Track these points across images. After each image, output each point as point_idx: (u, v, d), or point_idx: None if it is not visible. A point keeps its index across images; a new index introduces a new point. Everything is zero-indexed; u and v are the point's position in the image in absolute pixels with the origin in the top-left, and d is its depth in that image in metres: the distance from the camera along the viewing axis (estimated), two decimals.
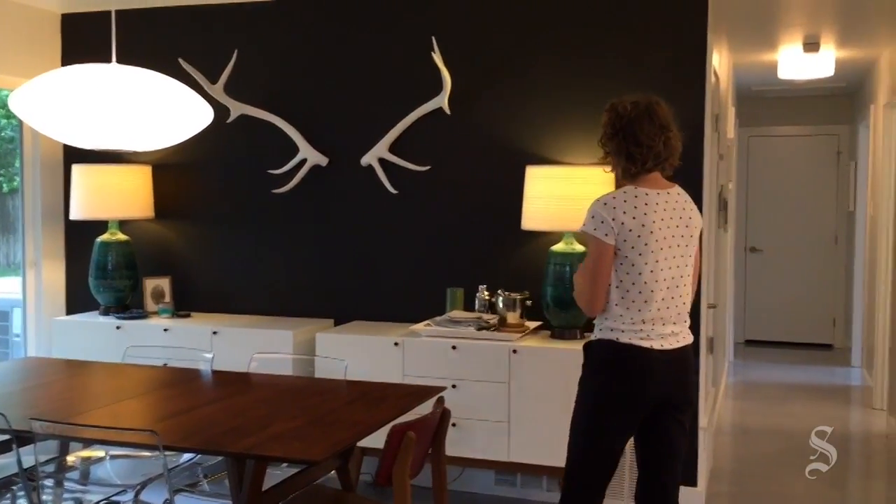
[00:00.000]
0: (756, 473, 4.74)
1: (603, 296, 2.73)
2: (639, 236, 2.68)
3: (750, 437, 5.47)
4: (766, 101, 8.53)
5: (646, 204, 2.70)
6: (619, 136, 2.74)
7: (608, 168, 2.87)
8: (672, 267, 2.74)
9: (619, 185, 2.83)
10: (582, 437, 2.81)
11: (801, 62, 6.10)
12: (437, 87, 4.29)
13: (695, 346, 3.00)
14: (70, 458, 3.46)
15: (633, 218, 2.68)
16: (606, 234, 2.69)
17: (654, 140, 2.70)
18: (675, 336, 2.77)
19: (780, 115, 8.61)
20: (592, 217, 2.72)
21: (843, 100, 8.43)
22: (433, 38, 4.24)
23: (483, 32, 4.32)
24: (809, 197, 8.57)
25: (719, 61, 4.99)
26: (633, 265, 2.69)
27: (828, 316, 8.55)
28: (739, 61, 6.50)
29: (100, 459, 3.38)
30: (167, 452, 2.48)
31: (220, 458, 3.02)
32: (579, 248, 3.94)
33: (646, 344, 2.71)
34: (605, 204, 2.71)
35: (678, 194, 2.81)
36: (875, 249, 6.30)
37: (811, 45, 5.72)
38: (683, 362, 2.81)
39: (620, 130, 2.73)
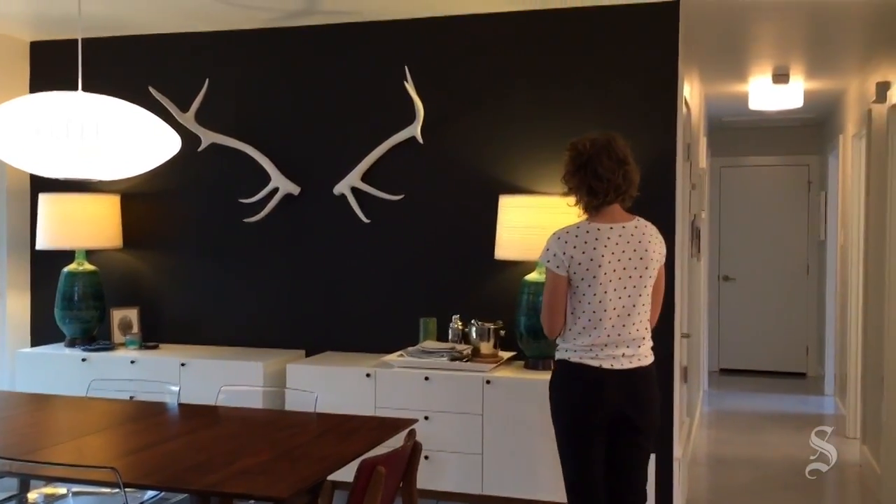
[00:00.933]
0: None
1: (560, 320, 2.95)
2: (587, 269, 2.87)
3: (725, 467, 5.45)
4: (738, 132, 8.63)
5: (596, 239, 2.88)
6: (580, 172, 2.93)
7: (571, 202, 3.03)
8: (623, 297, 2.89)
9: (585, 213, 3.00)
10: (562, 457, 2.97)
11: (771, 93, 6.18)
12: (410, 117, 4.28)
13: (667, 374, 3.00)
14: (32, 496, 3.36)
15: (583, 252, 2.87)
16: (558, 267, 2.90)
17: (614, 173, 2.89)
18: (627, 358, 2.90)
19: (752, 146, 8.71)
20: (547, 250, 2.95)
21: (812, 130, 8.54)
22: (406, 67, 4.23)
23: (456, 62, 4.33)
24: (781, 226, 8.65)
25: (691, 92, 5.04)
26: (583, 294, 2.89)
27: (801, 344, 8.59)
28: (710, 92, 6.57)
29: (62, 496, 3.29)
30: (128, 490, 2.40)
31: (184, 495, 2.94)
32: None
33: (594, 363, 2.89)
34: (559, 238, 2.93)
35: (635, 227, 2.95)
36: (846, 278, 6.34)
37: (781, 77, 5.79)
38: (639, 380, 2.93)
39: (582, 167, 2.92)
